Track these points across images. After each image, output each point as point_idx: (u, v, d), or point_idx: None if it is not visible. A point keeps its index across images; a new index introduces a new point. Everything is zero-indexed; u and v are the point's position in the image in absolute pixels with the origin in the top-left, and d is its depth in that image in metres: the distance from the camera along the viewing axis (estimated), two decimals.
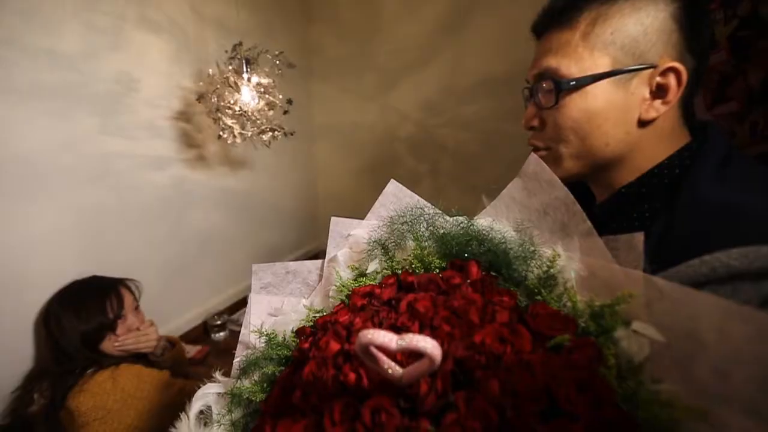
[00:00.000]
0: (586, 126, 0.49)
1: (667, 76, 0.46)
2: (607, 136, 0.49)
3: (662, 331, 0.28)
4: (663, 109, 0.47)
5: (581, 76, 0.48)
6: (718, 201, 0.40)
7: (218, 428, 0.39)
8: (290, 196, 2.42)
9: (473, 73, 2.00)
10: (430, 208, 0.50)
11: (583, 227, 0.39)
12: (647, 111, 0.47)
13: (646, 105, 0.47)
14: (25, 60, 1.10)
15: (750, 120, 0.93)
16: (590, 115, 0.49)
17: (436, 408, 0.27)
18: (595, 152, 0.50)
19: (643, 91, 0.47)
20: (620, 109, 0.48)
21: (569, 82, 0.48)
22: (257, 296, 0.55)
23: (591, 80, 0.48)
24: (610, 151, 0.50)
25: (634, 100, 0.47)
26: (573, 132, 0.50)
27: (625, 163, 0.50)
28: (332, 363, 0.33)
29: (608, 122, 0.48)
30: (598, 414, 0.26)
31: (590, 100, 0.48)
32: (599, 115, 0.48)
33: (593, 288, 0.35)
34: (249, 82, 1.39)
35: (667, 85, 0.46)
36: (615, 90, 0.47)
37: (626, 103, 0.47)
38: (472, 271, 0.41)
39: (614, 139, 0.49)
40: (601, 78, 0.47)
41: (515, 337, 0.31)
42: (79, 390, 1.00)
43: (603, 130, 0.49)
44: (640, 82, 0.47)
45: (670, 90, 0.46)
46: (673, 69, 0.45)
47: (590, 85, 0.48)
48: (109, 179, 1.36)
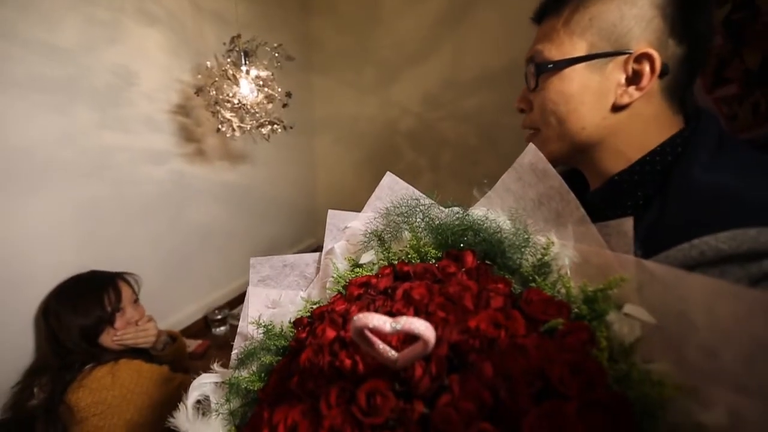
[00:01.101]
0: (563, 108, 0.51)
1: (641, 63, 0.46)
2: (584, 120, 0.50)
3: (653, 313, 0.28)
4: (637, 95, 0.47)
5: (559, 59, 0.50)
6: (709, 185, 0.41)
7: (216, 417, 0.39)
8: (290, 190, 2.42)
9: (473, 66, 2.00)
10: (425, 199, 0.50)
11: (576, 215, 0.39)
12: (621, 96, 0.48)
13: (621, 90, 0.48)
14: (23, 53, 1.10)
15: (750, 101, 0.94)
16: (566, 98, 0.50)
17: (430, 391, 0.27)
18: (573, 135, 0.51)
19: (618, 76, 0.48)
20: (595, 93, 0.49)
21: (548, 64, 0.50)
22: (255, 289, 0.55)
23: (567, 63, 0.49)
24: (587, 135, 0.51)
25: (610, 85, 0.48)
26: (552, 114, 0.52)
27: (609, 149, 0.51)
28: (328, 350, 0.33)
29: (584, 106, 0.49)
30: (591, 394, 0.26)
31: (566, 83, 0.50)
32: (574, 98, 0.50)
33: (587, 274, 0.35)
34: (248, 74, 1.38)
35: (641, 71, 0.46)
36: (590, 74, 0.49)
37: (601, 88, 0.49)
38: (468, 260, 0.41)
39: (590, 123, 0.50)
40: (577, 62, 0.49)
41: (509, 321, 0.31)
42: (78, 385, 1.01)
43: (579, 113, 0.50)
44: (616, 67, 0.48)
45: (644, 76, 0.46)
46: (647, 55, 0.46)
47: (567, 69, 0.49)
48: (108, 173, 1.36)
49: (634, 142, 0.49)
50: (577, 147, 0.52)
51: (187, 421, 0.39)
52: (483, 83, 1.99)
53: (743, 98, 0.96)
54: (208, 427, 0.39)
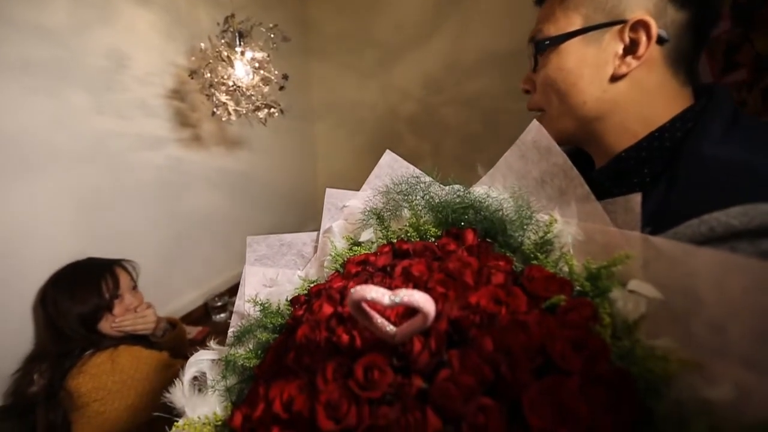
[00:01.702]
0: (562, 84, 0.50)
1: (637, 31, 0.45)
2: (584, 94, 0.49)
3: (659, 289, 0.28)
4: (635, 64, 0.46)
5: (555, 35, 0.50)
6: (720, 160, 0.39)
7: (213, 394, 0.39)
8: (289, 177, 2.40)
9: (477, 48, 1.95)
10: (425, 177, 0.49)
11: (580, 192, 0.38)
12: (619, 67, 0.47)
13: (618, 60, 0.47)
14: (10, 34, 1.06)
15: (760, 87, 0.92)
16: (565, 73, 0.50)
17: (429, 366, 0.27)
18: (575, 111, 0.51)
19: (615, 47, 0.47)
20: (593, 65, 0.48)
21: (545, 41, 0.51)
22: (252, 268, 0.54)
23: (563, 38, 0.49)
24: (589, 109, 0.50)
25: (607, 56, 0.48)
26: (553, 91, 0.52)
27: (614, 124, 0.50)
28: (325, 325, 0.32)
29: (582, 79, 0.49)
30: (593, 370, 0.25)
31: (564, 58, 0.50)
32: (572, 72, 0.49)
33: (590, 252, 0.35)
34: (242, 56, 1.35)
35: (638, 39, 0.46)
36: (587, 47, 0.48)
37: (599, 60, 0.48)
38: (468, 238, 0.40)
39: (591, 97, 0.49)
40: (572, 36, 0.49)
41: (510, 298, 0.31)
42: (78, 371, 1.01)
43: (579, 87, 0.49)
44: (613, 37, 0.47)
45: (640, 44, 0.45)
46: (642, 22, 0.45)
47: (564, 44, 0.49)
48: (104, 159, 1.34)
49: (639, 116, 0.48)
50: (582, 123, 0.51)
51: (183, 396, 0.38)
52: (486, 67, 1.94)
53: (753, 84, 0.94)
54: (204, 403, 0.38)
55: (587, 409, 0.24)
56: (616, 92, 0.48)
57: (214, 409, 0.38)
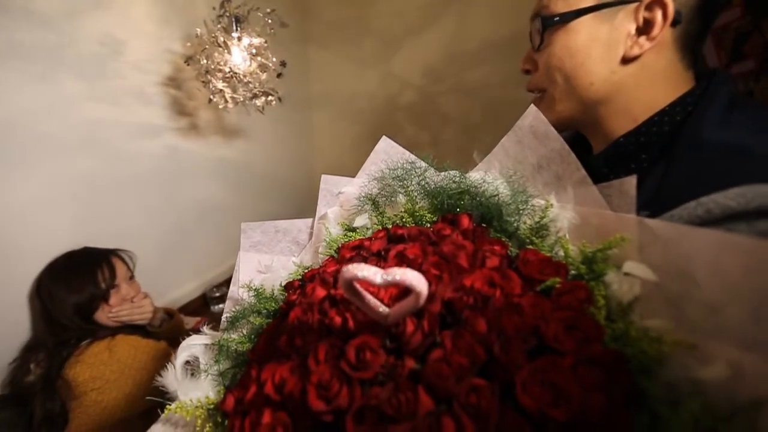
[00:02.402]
0: (569, 64, 0.48)
1: (653, 10, 0.44)
2: (591, 75, 0.48)
3: (654, 271, 0.27)
4: (647, 46, 0.45)
5: (565, 12, 0.47)
6: (718, 143, 0.39)
7: (205, 378, 0.39)
8: (288, 167, 2.38)
9: (477, 37, 1.92)
10: (421, 163, 0.48)
11: (577, 176, 0.38)
12: (632, 47, 0.46)
13: (631, 41, 0.46)
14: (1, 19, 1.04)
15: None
16: (573, 52, 0.48)
17: (422, 347, 0.27)
18: (580, 92, 0.49)
19: (629, 26, 0.45)
20: (604, 44, 0.46)
21: (554, 17, 0.48)
22: (246, 254, 0.54)
23: (574, 15, 0.47)
24: (595, 91, 0.48)
25: (619, 35, 0.46)
26: (558, 71, 0.49)
27: (617, 107, 0.49)
28: (318, 308, 0.32)
29: (591, 59, 0.47)
30: (586, 351, 0.25)
31: (572, 36, 0.47)
32: (581, 51, 0.47)
33: (586, 235, 0.34)
34: (239, 42, 1.33)
35: (653, 19, 0.44)
36: (599, 25, 0.46)
37: (610, 39, 0.46)
38: (464, 223, 0.40)
39: (598, 78, 0.48)
40: (584, 12, 0.46)
41: (505, 281, 0.30)
42: (76, 360, 1.00)
43: (586, 67, 0.48)
44: (626, 16, 0.45)
45: (655, 24, 0.44)
46: (659, 2, 0.43)
47: (573, 21, 0.47)
48: (99, 148, 1.32)
49: (641, 99, 0.47)
50: (585, 105, 0.50)
51: (176, 380, 0.38)
52: (487, 56, 1.92)
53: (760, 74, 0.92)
54: (196, 387, 0.38)
55: (580, 389, 0.23)
56: (624, 74, 0.47)
57: (207, 393, 0.38)
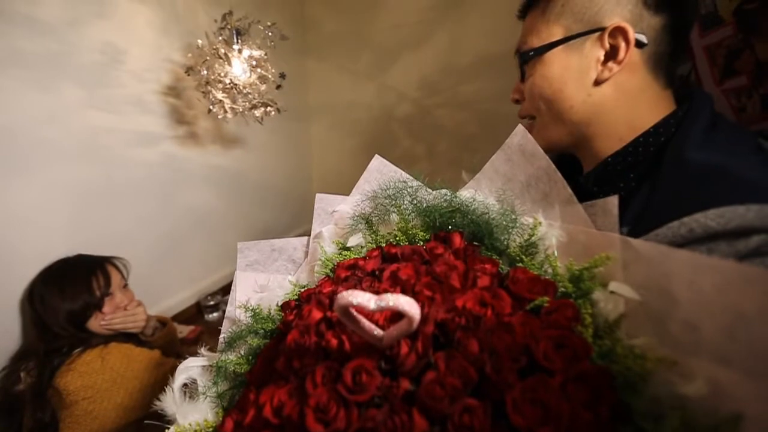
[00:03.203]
0: (548, 91, 0.53)
1: (616, 37, 0.48)
2: (569, 99, 0.52)
3: (637, 289, 0.29)
4: (617, 69, 0.49)
5: (538, 46, 0.53)
6: (699, 164, 0.41)
7: (204, 400, 0.39)
8: (284, 176, 2.39)
9: (472, 51, 1.96)
10: (413, 182, 0.49)
11: (563, 194, 0.39)
12: (602, 72, 0.50)
13: (600, 66, 0.50)
14: (2, 26, 1.04)
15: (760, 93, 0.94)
16: (550, 81, 0.52)
17: (416, 368, 0.27)
18: (563, 116, 0.53)
19: (597, 53, 0.49)
20: (576, 71, 0.51)
21: (529, 52, 0.53)
22: (243, 274, 0.54)
23: (546, 48, 0.52)
24: (575, 113, 0.52)
25: (590, 62, 0.50)
26: (541, 99, 0.54)
27: (601, 128, 0.52)
28: (314, 330, 0.33)
29: (567, 86, 0.52)
30: (575, 369, 0.26)
31: (547, 67, 0.52)
32: (557, 79, 0.52)
33: (573, 253, 0.36)
34: (240, 54, 1.34)
35: (617, 45, 0.48)
36: (569, 55, 0.51)
37: (581, 66, 0.51)
38: (456, 242, 0.41)
39: (576, 101, 0.52)
40: (555, 45, 0.51)
41: (496, 300, 0.31)
42: (67, 369, 0.99)
43: (564, 94, 0.52)
44: (593, 45, 0.50)
45: (620, 49, 0.48)
46: (619, 29, 0.47)
47: (546, 54, 0.52)
48: (97, 155, 1.32)
49: (623, 120, 0.50)
50: (570, 128, 0.53)
51: (174, 403, 0.38)
52: (482, 69, 1.95)
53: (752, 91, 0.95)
54: (195, 409, 0.38)
55: (568, 407, 0.24)
56: (600, 96, 0.50)
57: (206, 415, 0.38)
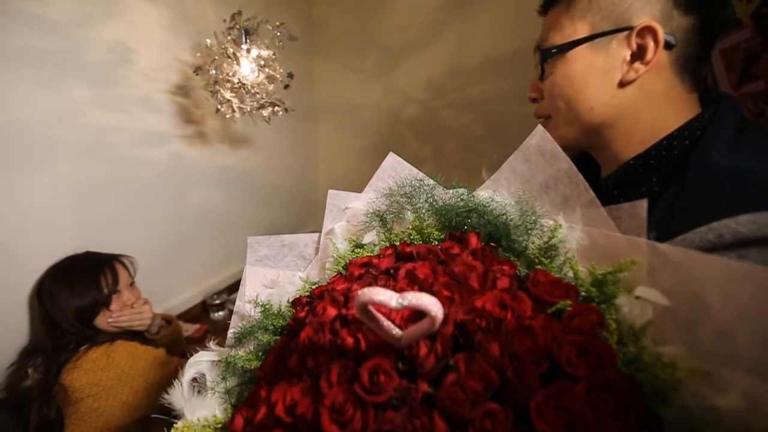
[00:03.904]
0: (569, 90, 0.51)
1: (644, 36, 0.46)
2: (591, 100, 0.50)
3: (665, 295, 0.28)
4: (643, 70, 0.47)
5: (561, 43, 0.51)
6: (729, 168, 0.40)
7: (212, 396, 0.38)
8: (290, 176, 2.39)
9: (480, 53, 1.95)
10: (429, 180, 0.49)
11: (585, 197, 0.38)
12: (627, 72, 0.48)
13: (626, 66, 0.48)
14: (13, 25, 1.05)
15: None
16: (571, 80, 0.51)
17: (435, 370, 0.27)
18: (582, 117, 0.51)
19: (623, 52, 0.48)
20: (601, 71, 0.49)
21: (551, 50, 0.51)
22: (252, 269, 0.54)
23: (569, 46, 0.50)
24: (596, 115, 0.50)
25: (615, 62, 0.48)
26: (560, 98, 0.52)
27: (621, 131, 0.50)
28: (329, 328, 0.32)
29: (589, 85, 0.50)
30: (600, 376, 0.25)
31: (570, 65, 0.51)
32: (579, 78, 0.50)
33: (595, 257, 0.35)
34: (248, 53, 1.34)
35: (645, 44, 0.46)
36: (594, 54, 0.49)
37: (606, 66, 0.49)
38: (472, 242, 0.40)
39: (598, 103, 0.50)
40: (579, 43, 0.49)
41: (516, 302, 0.31)
42: (73, 366, 1.00)
43: (585, 93, 0.50)
44: (620, 44, 0.48)
45: (648, 50, 0.46)
46: (649, 28, 0.45)
47: (570, 51, 0.50)
48: (105, 153, 1.33)
49: (646, 123, 0.48)
50: (587, 129, 0.52)
51: (183, 398, 0.38)
52: (490, 71, 1.94)
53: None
54: (203, 405, 0.38)
55: (594, 415, 0.24)
56: (624, 98, 0.49)
57: (214, 411, 0.38)
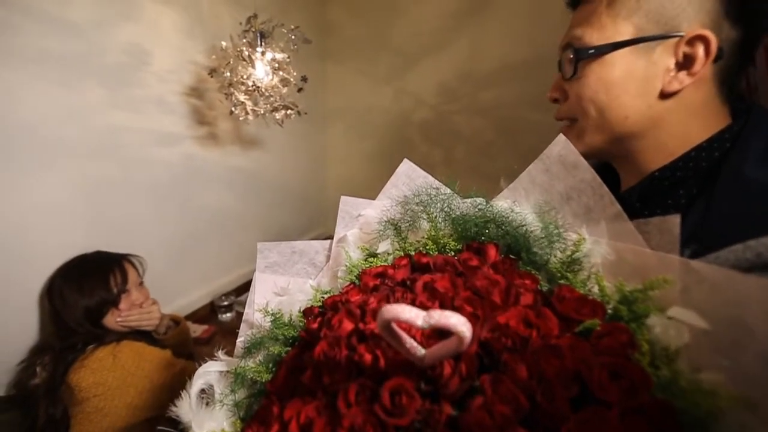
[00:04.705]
0: (604, 97, 0.47)
1: (694, 46, 0.43)
2: (626, 108, 0.46)
3: (702, 316, 0.26)
4: (687, 81, 0.44)
5: (601, 44, 0.46)
6: (762, 182, 0.38)
7: (220, 408, 0.37)
8: (300, 179, 2.39)
9: (493, 57, 1.94)
10: (445, 189, 0.47)
11: (611, 210, 0.37)
12: (670, 83, 0.44)
13: (669, 76, 0.44)
14: (33, 26, 1.06)
15: None
16: (608, 86, 0.46)
17: (459, 391, 0.25)
18: (614, 126, 0.48)
19: (667, 61, 0.44)
20: (641, 79, 0.45)
21: (588, 50, 0.47)
22: (262, 275, 0.53)
23: (611, 48, 0.45)
24: (630, 125, 0.47)
25: (657, 70, 0.45)
26: (592, 103, 0.48)
27: (652, 142, 0.48)
28: (345, 343, 0.31)
29: (627, 93, 0.46)
30: (634, 401, 0.24)
31: (608, 69, 0.46)
32: (617, 85, 0.46)
33: (622, 273, 0.33)
34: (263, 56, 1.35)
35: (694, 54, 0.43)
36: (636, 59, 0.45)
37: (648, 74, 0.45)
38: (491, 254, 0.39)
39: (634, 112, 0.46)
40: (621, 46, 0.45)
41: (541, 320, 0.29)
42: (80, 365, 1.00)
43: (621, 101, 0.46)
44: (665, 51, 0.44)
45: (696, 60, 0.43)
46: (702, 37, 0.42)
47: (609, 54, 0.46)
48: (118, 153, 1.33)
49: (677, 134, 0.46)
50: (617, 139, 0.49)
51: (191, 410, 0.36)
52: (502, 76, 1.93)
53: None
54: (211, 417, 0.37)
55: None
56: (661, 109, 0.46)
57: (222, 424, 0.37)
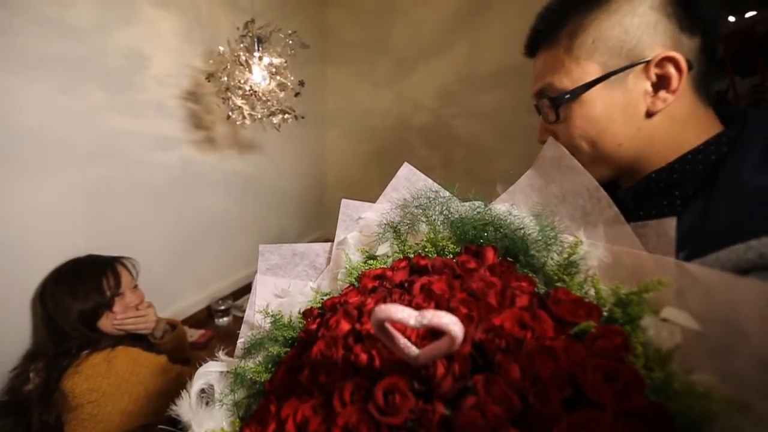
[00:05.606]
0: (593, 131, 0.49)
1: (664, 66, 0.45)
2: (618, 136, 0.48)
3: (696, 318, 0.26)
4: (671, 99, 0.45)
5: (574, 87, 0.48)
6: (761, 186, 0.38)
7: (220, 408, 0.38)
8: (298, 182, 2.40)
9: (492, 62, 1.95)
10: (444, 192, 0.48)
11: (608, 213, 0.37)
12: (654, 103, 0.46)
13: (650, 98, 0.46)
14: (34, 30, 1.08)
15: None
16: (594, 121, 0.48)
17: (452, 391, 0.26)
18: (610, 154, 0.49)
19: (643, 84, 0.46)
20: (623, 107, 0.47)
21: (564, 95, 0.49)
22: (263, 277, 0.53)
23: (584, 89, 0.48)
24: (625, 150, 0.49)
25: (636, 95, 0.47)
26: (583, 140, 0.50)
27: (648, 158, 0.49)
28: (342, 343, 0.31)
29: (614, 123, 0.48)
30: (627, 404, 0.24)
31: (590, 107, 0.48)
32: (602, 118, 0.48)
33: (618, 276, 0.33)
34: (260, 61, 1.36)
35: (667, 74, 0.45)
36: (612, 91, 0.47)
37: (628, 100, 0.47)
38: (488, 257, 0.39)
39: (625, 138, 0.48)
40: (593, 85, 0.47)
41: (536, 322, 0.29)
42: (74, 371, 0.98)
43: (611, 131, 0.48)
44: (637, 77, 0.46)
45: (672, 78, 0.45)
46: (669, 58, 0.44)
47: (585, 94, 0.48)
48: (116, 157, 1.34)
49: (672, 144, 0.47)
50: (615, 165, 0.50)
51: (190, 410, 0.37)
52: (501, 80, 1.94)
53: None
54: (210, 417, 0.37)
55: None
56: (651, 127, 0.47)
57: (221, 424, 0.37)
